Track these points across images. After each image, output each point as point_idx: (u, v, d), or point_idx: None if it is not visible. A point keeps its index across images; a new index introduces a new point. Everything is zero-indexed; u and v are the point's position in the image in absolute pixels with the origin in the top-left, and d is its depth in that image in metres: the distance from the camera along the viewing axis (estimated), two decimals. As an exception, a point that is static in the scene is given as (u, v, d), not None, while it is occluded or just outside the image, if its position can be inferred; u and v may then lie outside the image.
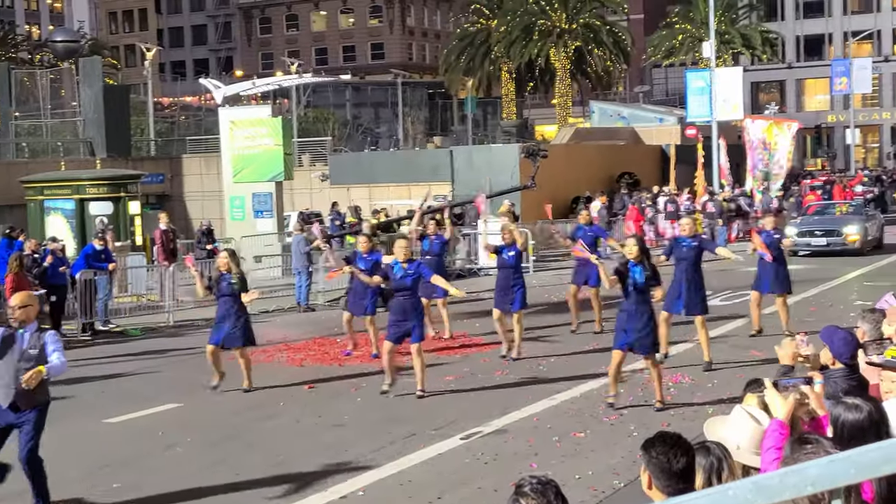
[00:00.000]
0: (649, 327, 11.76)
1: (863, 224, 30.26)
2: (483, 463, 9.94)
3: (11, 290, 17.07)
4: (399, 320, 12.84)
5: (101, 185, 28.41)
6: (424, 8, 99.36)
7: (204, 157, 45.28)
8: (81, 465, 10.60)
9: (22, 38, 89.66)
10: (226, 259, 14.00)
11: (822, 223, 30.52)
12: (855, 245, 29.32)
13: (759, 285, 16.52)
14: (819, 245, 29.39)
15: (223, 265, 13.96)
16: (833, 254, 28.88)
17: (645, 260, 11.68)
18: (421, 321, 13.18)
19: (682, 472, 3.86)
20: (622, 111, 60.17)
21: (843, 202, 35.46)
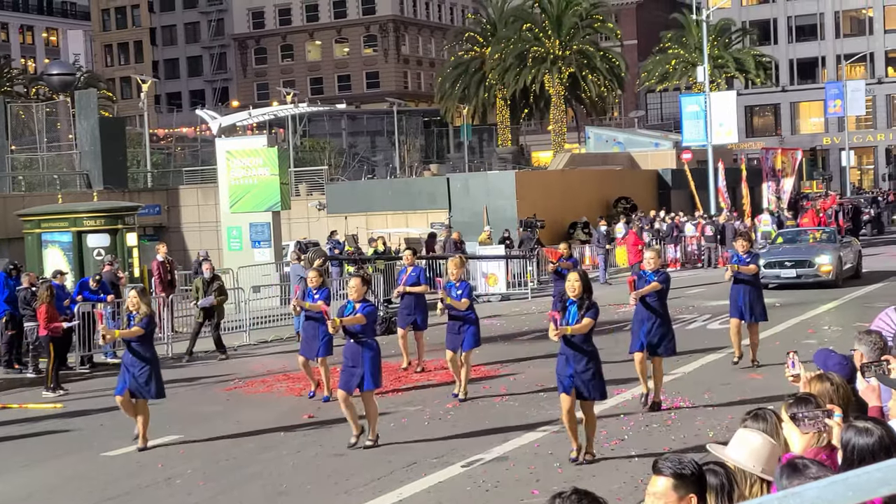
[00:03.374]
0: (592, 369, 10.69)
1: (836, 253, 27.42)
2: (485, 490, 9.92)
3: (45, 319, 17.18)
4: (350, 366, 11.84)
5: (99, 217, 28.40)
6: (419, 36, 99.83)
7: (201, 188, 45.33)
8: (81, 498, 10.57)
9: (17, 71, 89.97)
10: (134, 298, 12.73)
11: (792, 252, 27.66)
12: (828, 276, 26.71)
13: (735, 312, 15.87)
14: (788, 277, 26.84)
15: (131, 304, 12.72)
16: (804, 286, 26.37)
17: (586, 297, 10.62)
18: (373, 366, 11.87)
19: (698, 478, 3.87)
20: (617, 136, 60.36)
21: (815, 229, 32.85)
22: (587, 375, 10.62)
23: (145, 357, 12.60)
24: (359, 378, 11.72)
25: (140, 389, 12.48)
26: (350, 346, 11.92)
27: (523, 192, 38.08)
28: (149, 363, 12.58)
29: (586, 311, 10.53)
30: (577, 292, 10.61)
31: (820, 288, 26.08)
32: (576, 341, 10.60)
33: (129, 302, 12.78)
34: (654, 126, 74.97)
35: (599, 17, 69.57)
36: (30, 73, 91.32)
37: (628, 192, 43.92)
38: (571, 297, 10.64)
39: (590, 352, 10.75)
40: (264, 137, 33.67)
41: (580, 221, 39.51)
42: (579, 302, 10.57)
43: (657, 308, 13.37)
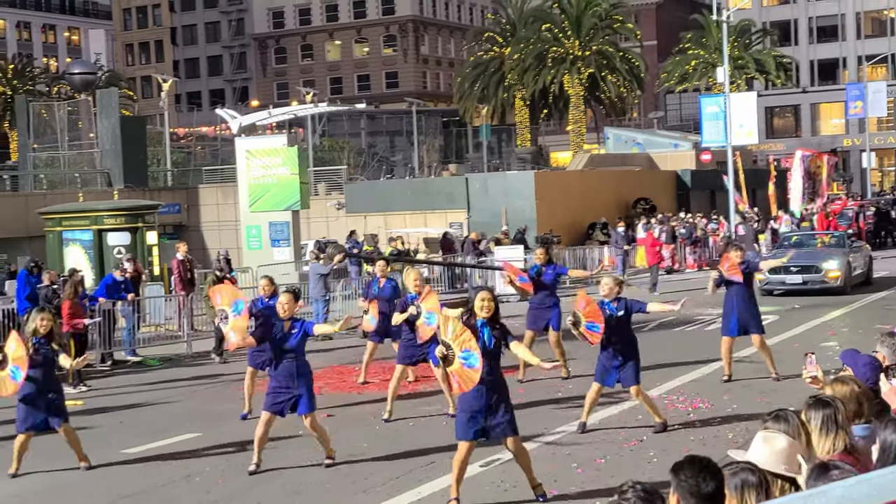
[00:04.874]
0: (505, 406, 9.37)
1: (845, 258, 26.40)
2: (503, 490, 9.91)
3: (68, 316, 17.32)
4: (282, 387, 10.99)
5: (119, 215, 28.58)
6: (438, 37, 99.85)
7: (220, 187, 45.49)
8: (101, 495, 10.61)
9: (40, 70, 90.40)
10: (45, 320, 11.54)
11: (799, 258, 26.09)
12: (836, 282, 25.68)
13: (728, 327, 15.10)
14: (794, 283, 25.77)
15: (42, 326, 11.47)
16: (811, 293, 25.43)
17: (496, 320, 9.43)
18: (309, 388, 11.14)
19: (711, 496, 3.86)
20: (637, 137, 60.24)
21: (824, 233, 31.90)
22: (499, 413, 9.30)
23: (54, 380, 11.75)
24: (294, 399, 10.96)
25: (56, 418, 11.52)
26: (285, 366, 11.03)
27: (542, 192, 38.05)
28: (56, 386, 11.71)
29: (503, 338, 9.39)
30: (491, 312, 9.38)
31: (827, 295, 25.19)
32: (492, 368, 9.27)
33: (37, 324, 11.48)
34: (674, 127, 74.76)
35: (619, 18, 69.45)
36: (52, 72, 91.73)
37: (647, 193, 43.83)
38: (482, 318, 9.34)
39: (504, 385, 9.49)
40: (284, 137, 33.74)
41: (599, 222, 39.44)
42: (491, 325, 9.34)
43: (621, 337, 12.06)
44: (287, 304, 11.10)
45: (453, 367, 9.09)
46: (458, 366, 9.06)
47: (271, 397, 11.04)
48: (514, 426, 9.36)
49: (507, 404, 9.36)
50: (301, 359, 11.12)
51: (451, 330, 9.14)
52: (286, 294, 11.42)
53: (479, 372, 8.97)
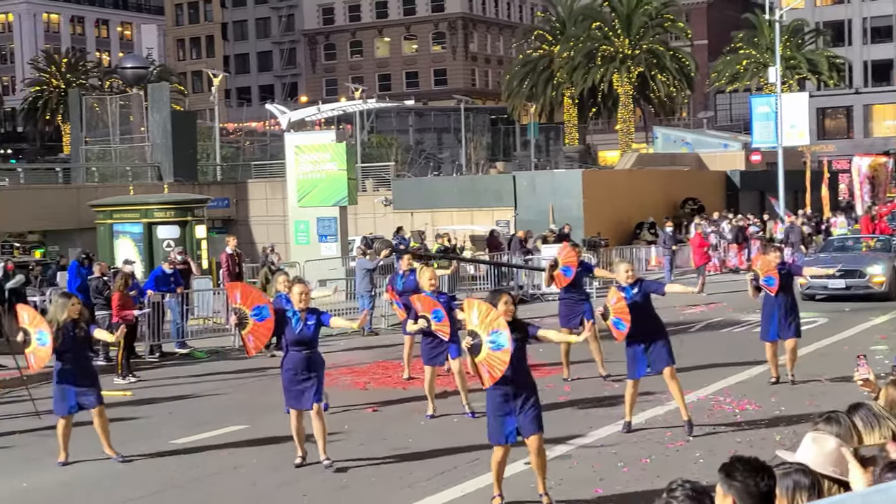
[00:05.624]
0: (536, 402, 9.28)
1: (890, 263, 25.48)
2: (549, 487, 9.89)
3: (118, 307, 17.55)
4: (297, 381, 10.84)
5: (169, 209, 28.84)
6: (487, 34, 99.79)
7: (269, 182, 45.78)
8: (150, 485, 10.73)
9: (93, 64, 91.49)
10: (74, 305, 11.66)
11: (842, 262, 24.97)
12: (881, 288, 24.75)
13: (767, 333, 14.86)
14: (837, 288, 24.77)
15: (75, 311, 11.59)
16: (854, 298, 24.55)
17: (516, 319, 9.28)
18: (321, 378, 11.00)
19: (767, 495, 3.83)
20: (686, 137, 59.87)
21: (869, 236, 30.82)
22: (528, 410, 9.19)
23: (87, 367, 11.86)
24: (312, 393, 10.79)
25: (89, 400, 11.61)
26: (297, 357, 10.87)
27: (590, 191, 37.92)
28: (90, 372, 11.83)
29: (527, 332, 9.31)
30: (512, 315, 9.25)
31: (871, 300, 24.37)
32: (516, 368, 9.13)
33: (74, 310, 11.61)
34: (724, 127, 74.21)
35: (670, 17, 69.04)
36: (104, 67, 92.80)
37: (696, 193, 43.54)
38: None
39: (531, 386, 9.39)
40: (332, 133, 33.90)
41: (647, 222, 39.25)
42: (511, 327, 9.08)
43: (647, 321, 11.95)
44: (302, 294, 10.96)
45: (480, 356, 8.93)
46: (485, 353, 8.90)
47: (289, 394, 10.93)
48: (538, 423, 9.19)
49: (534, 402, 9.23)
50: (315, 350, 10.95)
51: (475, 314, 8.99)
52: (301, 284, 11.33)
53: (509, 352, 8.85)
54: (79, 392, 11.48)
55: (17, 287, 20.86)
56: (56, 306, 11.73)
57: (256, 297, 11.20)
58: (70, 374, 11.51)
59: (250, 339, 11.04)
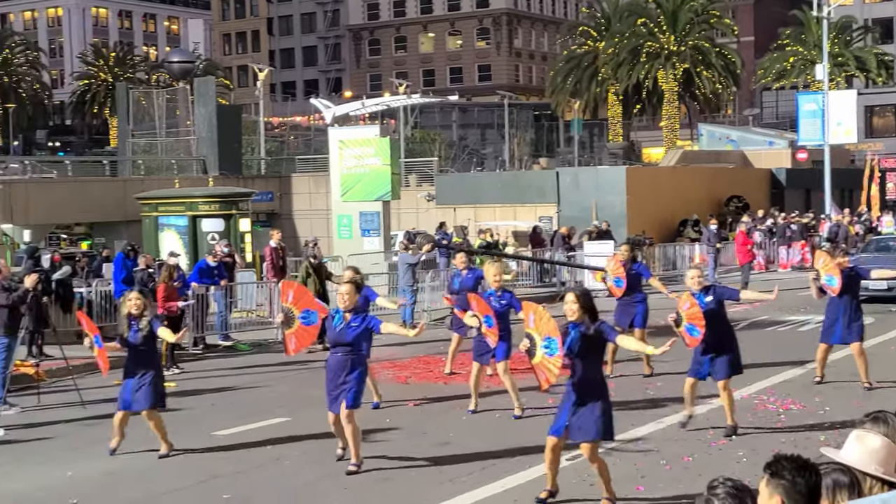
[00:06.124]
0: (597, 408, 9.10)
1: None
2: (589, 485, 9.86)
3: (163, 298, 17.74)
4: (336, 383, 10.57)
5: (213, 202, 29.05)
6: (532, 30, 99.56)
7: (312, 176, 45.98)
8: (192, 476, 10.82)
9: (140, 58, 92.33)
10: (133, 300, 11.58)
11: (884, 262, 23.59)
12: None
13: (828, 335, 14.52)
14: (878, 289, 23.65)
15: (133, 306, 11.51)
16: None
17: (588, 321, 9.09)
18: (359, 384, 10.61)
19: (813, 493, 3.79)
20: (731, 134, 59.45)
21: None
22: (588, 412, 9.06)
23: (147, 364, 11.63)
24: (346, 394, 10.50)
25: (143, 400, 11.44)
26: (337, 359, 10.60)
27: (633, 187, 37.73)
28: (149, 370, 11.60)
29: (596, 339, 9.12)
30: (577, 314, 9.08)
31: None
32: (580, 373, 9.10)
33: (131, 304, 11.56)
34: (769, 124, 73.54)
35: (716, 13, 68.56)
36: (151, 61, 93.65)
37: (741, 191, 43.20)
38: (572, 321, 9.11)
39: (602, 388, 9.26)
40: (376, 127, 33.97)
41: (691, 219, 38.99)
42: (581, 326, 9.06)
43: (718, 329, 11.77)
44: (347, 294, 10.59)
45: (535, 359, 9.12)
46: (539, 357, 9.08)
47: (328, 396, 10.70)
48: (593, 431, 8.99)
49: (597, 408, 9.01)
50: (357, 354, 10.55)
51: (532, 318, 9.15)
52: (347, 284, 10.90)
53: (560, 358, 8.94)
54: (134, 390, 11.49)
55: (64, 278, 21.08)
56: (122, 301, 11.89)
57: (308, 300, 11.12)
58: (129, 371, 11.60)
59: (292, 340, 11.09)
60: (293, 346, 11.14)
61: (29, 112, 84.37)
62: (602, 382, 9.26)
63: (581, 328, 9.04)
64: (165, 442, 11.62)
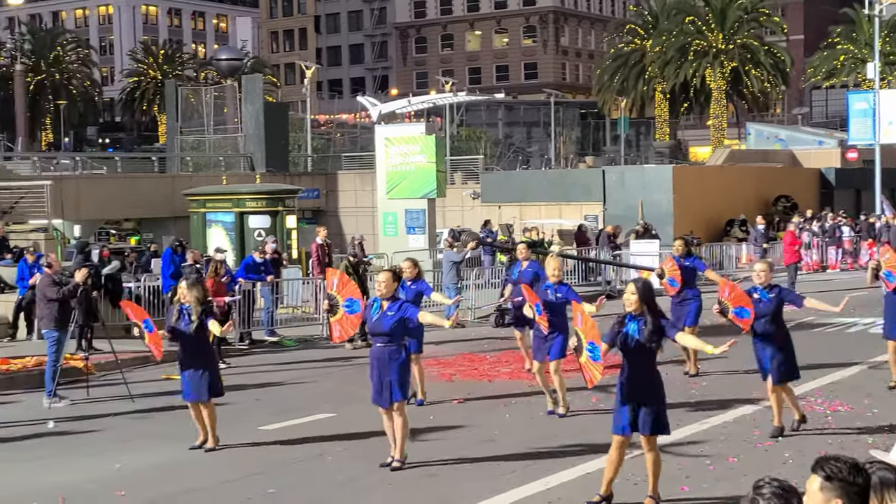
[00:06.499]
0: (655, 403, 9.05)
1: None
2: (633, 484, 9.84)
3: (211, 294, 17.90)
4: (377, 376, 10.50)
5: (260, 199, 29.26)
6: (579, 28, 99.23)
7: (358, 174, 46.15)
8: (238, 470, 10.91)
9: (188, 56, 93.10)
10: (184, 290, 11.69)
11: None
12: None
13: (890, 329, 14.15)
14: None
15: (182, 296, 11.65)
16: None
17: (647, 313, 8.95)
18: (401, 375, 10.48)
19: (864, 492, 3.78)
20: (779, 133, 58.91)
21: None
22: (648, 409, 9.03)
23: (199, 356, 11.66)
24: (387, 387, 10.41)
25: (202, 391, 11.57)
26: (377, 350, 10.54)
27: (680, 187, 37.52)
28: (203, 362, 11.65)
29: (655, 333, 8.92)
30: (635, 305, 8.96)
31: None
32: (634, 366, 9.04)
33: (179, 294, 11.74)
34: (819, 124, 72.77)
35: (765, 11, 67.99)
36: (200, 58, 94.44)
37: (789, 191, 42.80)
38: (630, 312, 9.00)
39: (657, 381, 9.19)
40: (422, 125, 34.01)
41: (738, 219, 38.71)
42: (641, 319, 8.95)
43: (775, 329, 11.60)
44: (384, 282, 10.46)
45: (582, 358, 9.23)
46: (584, 357, 9.20)
47: (373, 389, 10.62)
48: (654, 426, 8.99)
49: (654, 402, 8.99)
50: (395, 344, 10.42)
51: (579, 319, 9.28)
52: (385, 272, 10.75)
53: (602, 366, 9.04)
54: (190, 381, 11.58)
55: (113, 273, 21.33)
56: None
57: (352, 290, 11.09)
58: (184, 363, 11.69)
59: (337, 327, 11.14)
60: (338, 333, 11.18)
61: (80, 109, 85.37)
62: (657, 377, 9.18)
63: (640, 322, 8.92)
64: (213, 436, 11.72)
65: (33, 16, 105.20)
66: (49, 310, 15.08)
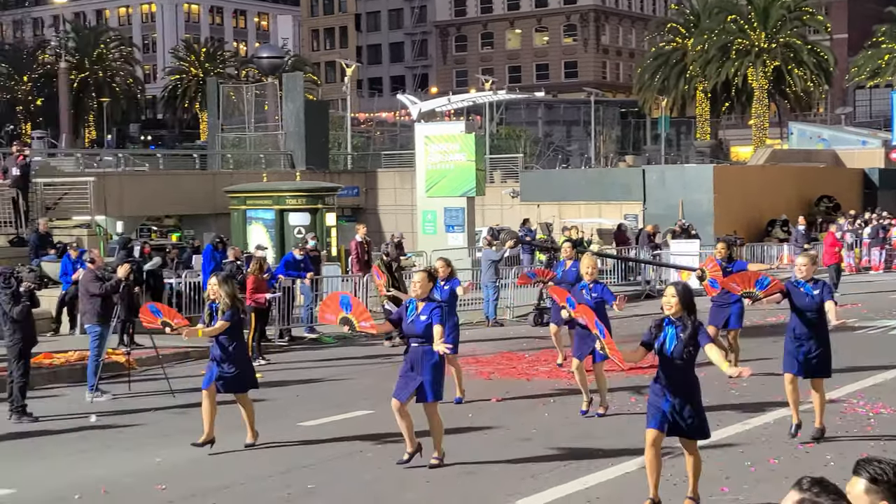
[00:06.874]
0: (694, 407, 8.86)
1: None
2: (672, 484, 9.79)
3: (252, 290, 18.08)
4: (407, 374, 10.49)
5: (300, 196, 29.38)
6: (619, 27, 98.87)
7: (398, 172, 46.25)
8: (278, 465, 10.97)
9: (230, 54, 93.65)
10: (215, 286, 11.64)
11: None
12: None
13: None
14: None
15: (213, 293, 11.62)
16: None
17: (686, 318, 8.72)
18: (434, 376, 10.39)
19: None
20: (822, 133, 58.42)
21: None
22: (688, 414, 8.79)
23: (231, 351, 11.47)
24: (415, 387, 10.36)
25: (232, 385, 11.49)
26: (412, 351, 10.51)
27: (721, 186, 37.30)
28: (235, 357, 11.49)
29: (692, 340, 8.69)
30: (676, 309, 8.71)
31: None
32: (671, 373, 8.79)
33: (210, 290, 11.69)
34: (862, 123, 72.09)
35: (809, 10, 67.43)
36: (241, 56, 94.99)
37: (831, 191, 42.44)
38: (669, 316, 8.76)
39: (695, 387, 8.92)
40: (462, 123, 34.05)
41: (779, 219, 38.42)
42: (679, 325, 8.72)
43: (817, 324, 11.34)
44: (420, 283, 10.43)
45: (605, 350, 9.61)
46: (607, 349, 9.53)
47: (397, 384, 10.60)
48: (695, 431, 8.85)
49: (693, 406, 8.79)
50: (430, 344, 10.27)
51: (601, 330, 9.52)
52: (420, 273, 10.71)
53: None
54: (221, 376, 11.46)
55: (155, 269, 21.51)
56: None
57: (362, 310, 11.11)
58: (215, 355, 11.57)
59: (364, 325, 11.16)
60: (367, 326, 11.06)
61: (122, 106, 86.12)
62: (695, 381, 8.96)
63: (677, 327, 8.73)
64: (252, 430, 11.75)
65: (77, 14, 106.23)
66: (92, 305, 15.23)
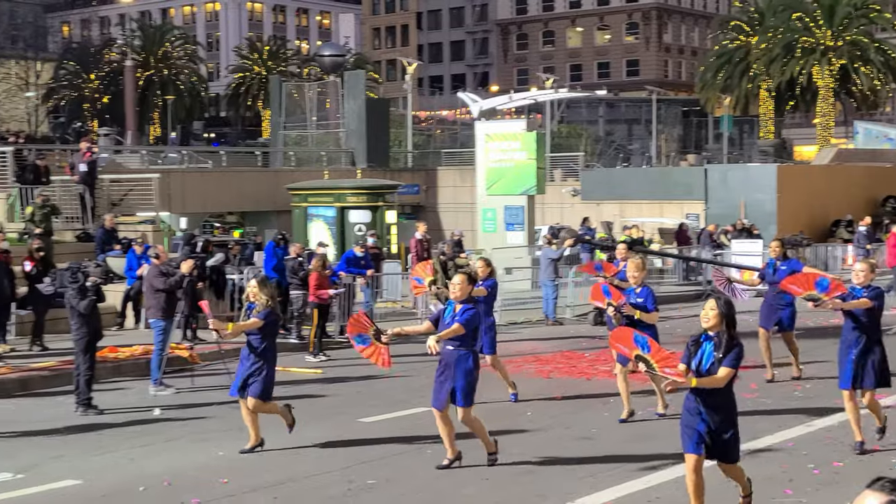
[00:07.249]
0: (730, 429, 8.30)
1: None
2: (734, 485, 9.72)
3: (315, 287, 18.23)
4: (441, 378, 10.42)
5: (361, 194, 29.56)
6: (682, 24, 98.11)
7: (458, 170, 46.28)
8: (339, 460, 11.05)
9: (292, 52, 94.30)
10: (254, 288, 11.49)
11: None
12: None
13: None
14: None
15: (251, 294, 11.51)
16: None
17: (724, 334, 8.15)
18: (467, 383, 10.28)
19: None
20: (889, 132, 57.47)
21: None
22: (726, 436, 8.27)
23: (259, 352, 11.28)
24: (448, 391, 10.30)
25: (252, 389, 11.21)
26: (446, 353, 10.35)
27: (784, 186, 36.88)
28: (262, 359, 11.26)
29: (730, 354, 8.09)
30: (714, 323, 8.16)
31: None
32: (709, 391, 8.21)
33: (249, 292, 11.59)
34: (931, 123, 70.90)
35: (876, 7, 66.41)
36: (303, 54, 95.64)
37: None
38: (707, 330, 8.22)
39: (732, 409, 8.34)
40: (523, 122, 33.99)
41: (844, 220, 37.91)
42: (716, 340, 8.17)
43: (869, 331, 10.88)
44: (459, 285, 10.31)
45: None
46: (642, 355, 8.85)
47: (433, 390, 10.49)
48: (729, 454, 8.38)
49: (729, 428, 8.27)
50: (465, 347, 10.26)
51: (647, 348, 8.68)
52: (460, 275, 10.57)
53: None
54: (244, 377, 11.31)
55: (217, 265, 21.74)
56: None
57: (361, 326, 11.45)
58: (242, 357, 11.49)
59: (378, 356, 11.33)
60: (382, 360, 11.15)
61: (186, 104, 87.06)
62: (732, 400, 8.38)
63: (713, 343, 8.20)
64: (255, 434, 11.44)
65: (143, 13, 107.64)
66: (156, 300, 15.44)
